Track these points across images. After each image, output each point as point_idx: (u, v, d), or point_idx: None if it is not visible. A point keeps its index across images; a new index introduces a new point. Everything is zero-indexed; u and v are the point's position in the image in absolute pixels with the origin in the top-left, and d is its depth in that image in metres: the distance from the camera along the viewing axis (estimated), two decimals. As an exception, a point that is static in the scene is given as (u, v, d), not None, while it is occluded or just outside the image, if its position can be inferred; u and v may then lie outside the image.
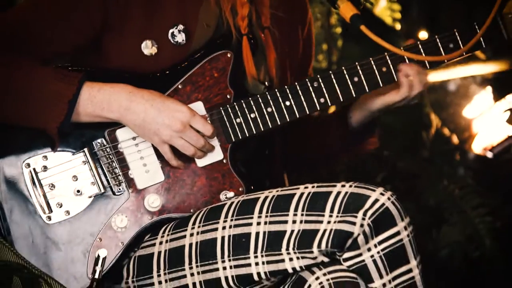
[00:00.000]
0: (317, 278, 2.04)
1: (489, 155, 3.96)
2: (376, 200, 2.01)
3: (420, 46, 2.28)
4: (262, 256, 2.06)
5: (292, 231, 2.05)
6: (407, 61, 2.27)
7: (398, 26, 4.21)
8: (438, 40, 2.28)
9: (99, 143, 2.21)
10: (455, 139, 3.96)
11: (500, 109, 3.92)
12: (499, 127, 3.93)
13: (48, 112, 2.12)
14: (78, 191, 2.20)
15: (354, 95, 2.28)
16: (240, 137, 2.25)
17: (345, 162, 3.58)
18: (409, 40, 2.35)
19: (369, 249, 2.01)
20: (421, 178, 3.63)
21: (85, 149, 2.20)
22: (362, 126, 2.41)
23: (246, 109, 2.24)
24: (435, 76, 4.13)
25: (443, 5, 5.72)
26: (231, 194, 2.24)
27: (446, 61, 2.30)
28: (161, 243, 2.18)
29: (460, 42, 2.28)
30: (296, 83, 2.26)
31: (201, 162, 2.23)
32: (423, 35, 4.75)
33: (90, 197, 2.20)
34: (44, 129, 2.15)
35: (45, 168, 2.19)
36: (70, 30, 2.19)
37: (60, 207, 2.19)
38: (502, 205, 3.69)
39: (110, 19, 2.20)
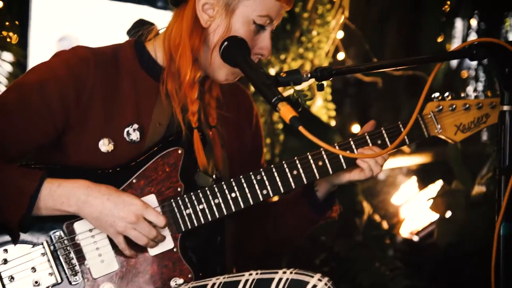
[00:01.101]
0: None
1: (415, 238, 3.98)
2: (314, 286, 2.00)
3: (352, 143, 2.31)
4: None
5: (238, 317, 2.00)
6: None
7: (333, 123, 4.28)
8: (367, 137, 2.32)
9: (57, 235, 2.16)
10: (385, 225, 3.98)
11: (424, 197, 3.96)
12: (424, 213, 3.97)
13: (10, 206, 2.08)
14: (36, 282, 2.13)
15: (293, 187, 2.28)
16: (190, 227, 2.22)
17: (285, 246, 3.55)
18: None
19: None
20: (355, 261, 3.62)
21: (44, 242, 2.15)
22: (326, 197, 2.39)
23: (195, 201, 2.22)
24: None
25: (373, 102, 5.87)
26: (180, 281, 2.19)
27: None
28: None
29: (386, 139, 2.32)
30: (241, 177, 2.25)
31: (153, 251, 2.19)
32: (355, 128, 4.85)
33: (48, 287, 2.12)
34: (6, 222, 2.09)
35: (5, 261, 2.12)
36: (34, 132, 2.17)
37: (19, 298, 2.11)
38: (428, 285, 3.68)
39: (72, 120, 2.19)
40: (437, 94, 2.35)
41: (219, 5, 2.18)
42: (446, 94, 2.34)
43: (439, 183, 3.99)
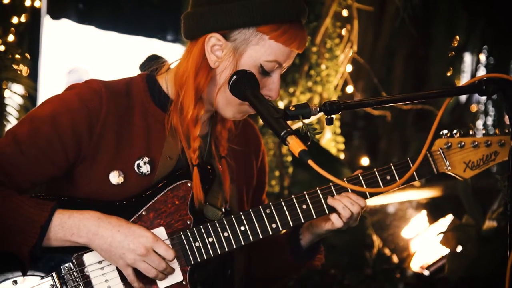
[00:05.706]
0: None
1: (426, 273, 3.95)
2: None
3: (361, 178, 2.32)
4: None
5: None
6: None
7: (342, 156, 4.29)
8: (376, 173, 2.33)
9: (66, 267, 2.16)
10: (395, 258, 3.97)
11: (434, 231, 3.95)
12: (434, 247, 3.95)
13: (21, 236, 2.09)
14: (45, 313, 2.13)
15: (303, 221, 2.29)
16: (199, 260, 2.22)
17: (296, 279, 3.55)
18: (357, 171, 2.38)
19: None
20: (365, 295, 3.61)
21: (53, 274, 2.15)
22: (310, 246, 2.41)
23: (204, 234, 2.23)
24: (375, 201, 4.18)
25: (382, 136, 5.90)
26: (189, 313, 2.19)
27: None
28: None
29: (396, 175, 2.33)
30: (250, 210, 2.26)
31: (162, 284, 2.19)
32: (364, 161, 4.86)
33: (56, 319, 2.13)
34: (16, 252, 2.09)
35: (14, 292, 2.13)
36: (46, 164, 2.18)
37: (27, 330, 2.11)
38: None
39: (83, 152, 2.21)
40: (445, 131, 2.37)
41: (227, 48, 2.20)
42: (455, 131, 2.36)
43: (449, 218, 3.98)
